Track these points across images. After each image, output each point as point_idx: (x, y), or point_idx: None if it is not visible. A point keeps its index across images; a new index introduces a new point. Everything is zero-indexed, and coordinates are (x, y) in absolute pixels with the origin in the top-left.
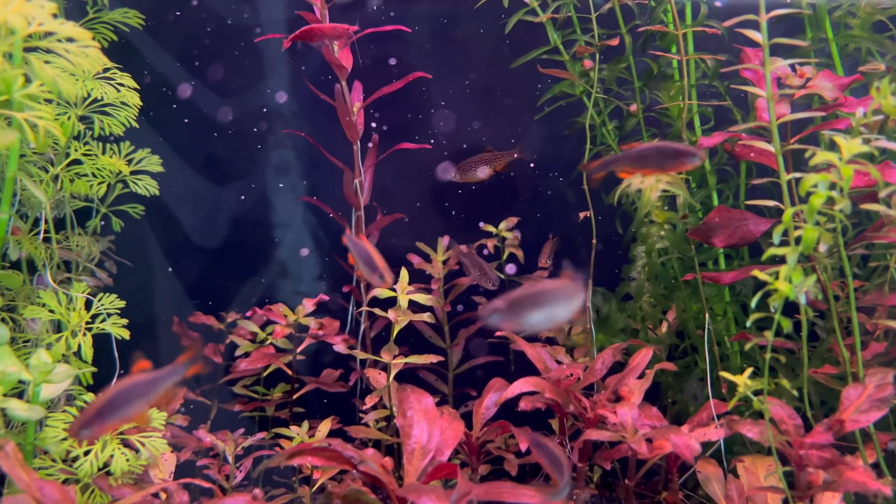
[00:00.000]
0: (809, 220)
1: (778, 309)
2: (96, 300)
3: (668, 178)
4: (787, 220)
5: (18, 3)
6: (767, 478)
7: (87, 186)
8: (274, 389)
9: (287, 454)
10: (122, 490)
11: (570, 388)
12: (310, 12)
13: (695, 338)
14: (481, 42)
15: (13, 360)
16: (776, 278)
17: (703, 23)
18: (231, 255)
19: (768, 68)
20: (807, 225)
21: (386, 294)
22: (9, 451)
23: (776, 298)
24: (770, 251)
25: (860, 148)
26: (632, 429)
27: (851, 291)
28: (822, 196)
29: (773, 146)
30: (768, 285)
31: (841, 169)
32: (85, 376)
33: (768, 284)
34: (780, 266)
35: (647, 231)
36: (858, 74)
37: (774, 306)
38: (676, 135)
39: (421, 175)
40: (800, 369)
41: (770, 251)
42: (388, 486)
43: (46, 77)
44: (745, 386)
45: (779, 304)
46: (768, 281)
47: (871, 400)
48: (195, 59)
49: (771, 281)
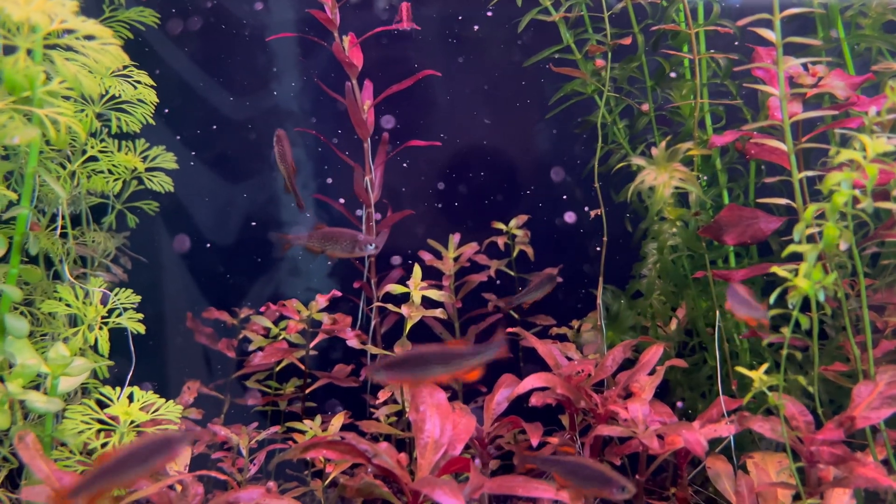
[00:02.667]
0: (831, 219)
1: (796, 306)
2: (113, 295)
3: (682, 174)
4: (809, 217)
5: (41, 1)
6: (779, 474)
7: (104, 183)
8: (286, 384)
9: (302, 447)
10: (139, 482)
11: (580, 384)
12: (321, 11)
13: (704, 335)
14: (492, 41)
15: (32, 352)
16: (795, 276)
17: (716, 22)
18: (241, 252)
19: (781, 67)
20: (828, 223)
21: (398, 290)
22: (28, 441)
23: (794, 295)
24: (790, 248)
25: (886, 147)
26: (643, 424)
27: (863, 289)
28: (845, 194)
29: (786, 145)
30: (787, 282)
31: (866, 167)
32: (101, 370)
33: (787, 282)
34: (794, 264)
35: (658, 228)
36: (871, 74)
37: (792, 303)
38: (688, 133)
39: (432, 173)
40: (809, 367)
41: (790, 248)
42: (402, 479)
43: (69, 74)
44: (760, 381)
45: (797, 301)
46: (788, 278)
47: (882, 397)
48: (206, 58)
49: (791, 278)
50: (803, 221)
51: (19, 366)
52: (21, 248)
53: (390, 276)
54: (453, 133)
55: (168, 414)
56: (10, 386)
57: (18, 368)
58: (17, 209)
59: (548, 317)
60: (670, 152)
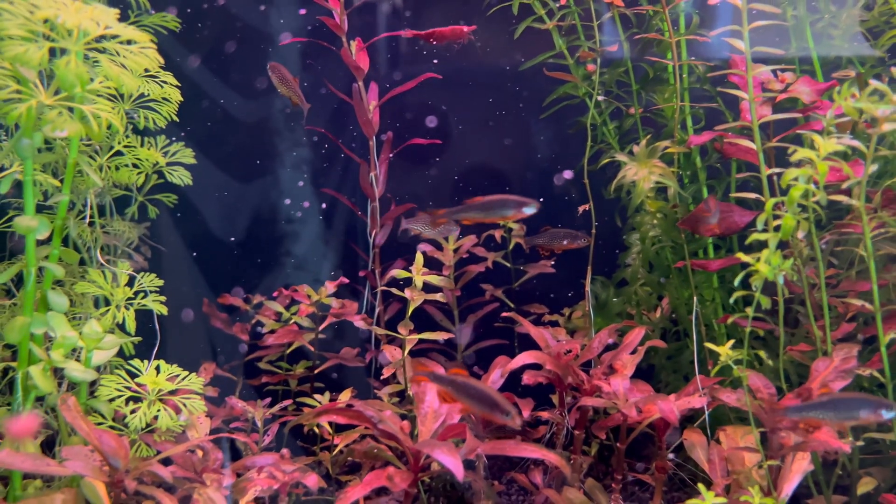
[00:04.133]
0: (790, 210)
1: (758, 288)
2: (139, 277)
3: (660, 170)
4: (769, 209)
5: (91, 9)
6: (744, 438)
7: (129, 175)
8: (296, 366)
9: (314, 413)
10: (164, 446)
11: (569, 362)
12: (330, 17)
13: (686, 322)
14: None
15: (69, 327)
16: (758, 262)
17: (696, 31)
18: (251, 245)
19: (750, 74)
20: (787, 214)
21: (402, 275)
22: (70, 404)
23: (757, 279)
24: (753, 236)
25: (836, 147)
26: (623, 397)
27: (822, 276)
28: (801, 188)
29: (755, 144)
30: (750, 267)
31: (818, 165)
32: (127, 346)
33: (750, 266)
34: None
35: (640, 219)
36: (834, 81)
37: (756, 286)
38: (670, 133)
39: (433, 170)
40: (780, 349)
41: (753, 236)
42: (405, 443)
43: (113, 74)
44: (726, 356)
45: (759, 283)
46: (751, 263)
47: (837, 371)
48: (218, 62)
49: (753, 263)
50: (766, 213)
51: (60, 337)
52: (61, 231)
53: (394, 265)
54: (458, 137)
55: (191, 385)
56: (53, 355)
57: (60, 340)
58: (59, 196)
59: (541, 305)
60: (650, 150)
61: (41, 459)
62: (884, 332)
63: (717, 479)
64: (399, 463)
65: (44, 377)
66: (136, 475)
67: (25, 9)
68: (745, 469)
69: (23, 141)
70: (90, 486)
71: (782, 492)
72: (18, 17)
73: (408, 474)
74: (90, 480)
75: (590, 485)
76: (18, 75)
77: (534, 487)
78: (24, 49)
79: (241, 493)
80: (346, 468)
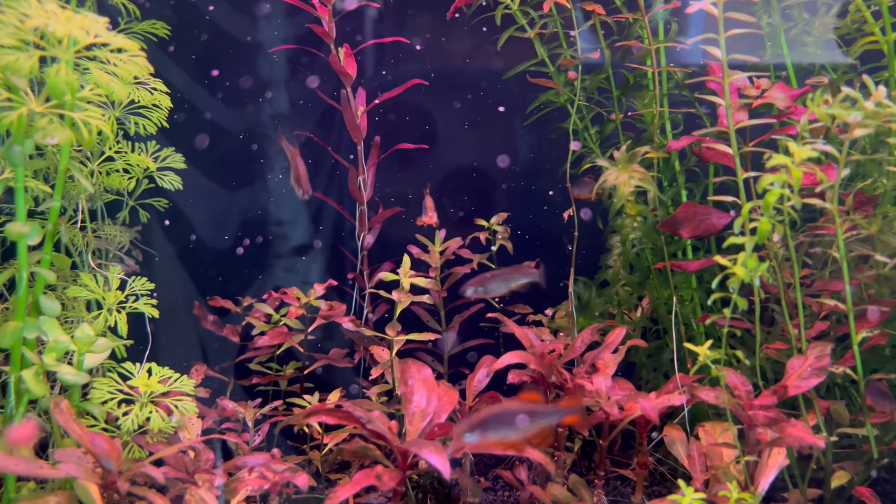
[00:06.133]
0: (766, 214)
1: (735, 290)
2: (130, 281)
3: (640, 174)
4: (745, 213)
5: (80, 18)
6: (722, 434)
7: (120, 181)
8: (286, 366)
9: (304, 413)
10: (156, 447)
11: (553, 361)
12: (318, 25)
13: (666, 322)
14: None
15: (61, 331)
16: (735, 264)
17: (674, 39)
18: (241, 248)
19: (727, 80)
20: (762, 218)
21: (389, 277)
22: (63, 407)
23: (734, 281)
24: (730, 240)
25: (809, 153)
26: (605, 395)
27: (797, 277)
28: (776, 193)
29: (731, 149)
30: (727, 269)
31: (792, 170)
32: (119, 349)
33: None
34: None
35: (621, 222)
36: (808, 87)
37: (732, 287)
38: (650, 138)
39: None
40: (757, 347)
41: (730, 240)
42: (392, 442)
43: (103, 82)
44: (704, 355)
45: (736, 286)
46: (728, 266)
47: (811, 369)
48: (209, 70)
49: (730, 265)
50: (742, 217)
51: (52, 341)
52: (53, 236)
53: (382, 267)
54: (442, 140)
55: (183, 387)
56: (45, 358)
57: (52, 344)
58: (51, 202)
59: (525, 306)
60: (630, 155)
61: (34, 462)
62: (856, 331)
63: (697, 474)
64: (387, 461)
65: (36, 381)
66: (128, 476)
67: (16, 18)
68: (723, 464)
69: (14, 148)
70: (83, 487)
71: (759, 486)
72: (9, 25)
73: (396, 473)
74: (83, 482)
75: (573, 480)
76: (9, 83)
77: (519, 484)
78: (14, 58)
79: (232, 493)
80: (335, 467)
